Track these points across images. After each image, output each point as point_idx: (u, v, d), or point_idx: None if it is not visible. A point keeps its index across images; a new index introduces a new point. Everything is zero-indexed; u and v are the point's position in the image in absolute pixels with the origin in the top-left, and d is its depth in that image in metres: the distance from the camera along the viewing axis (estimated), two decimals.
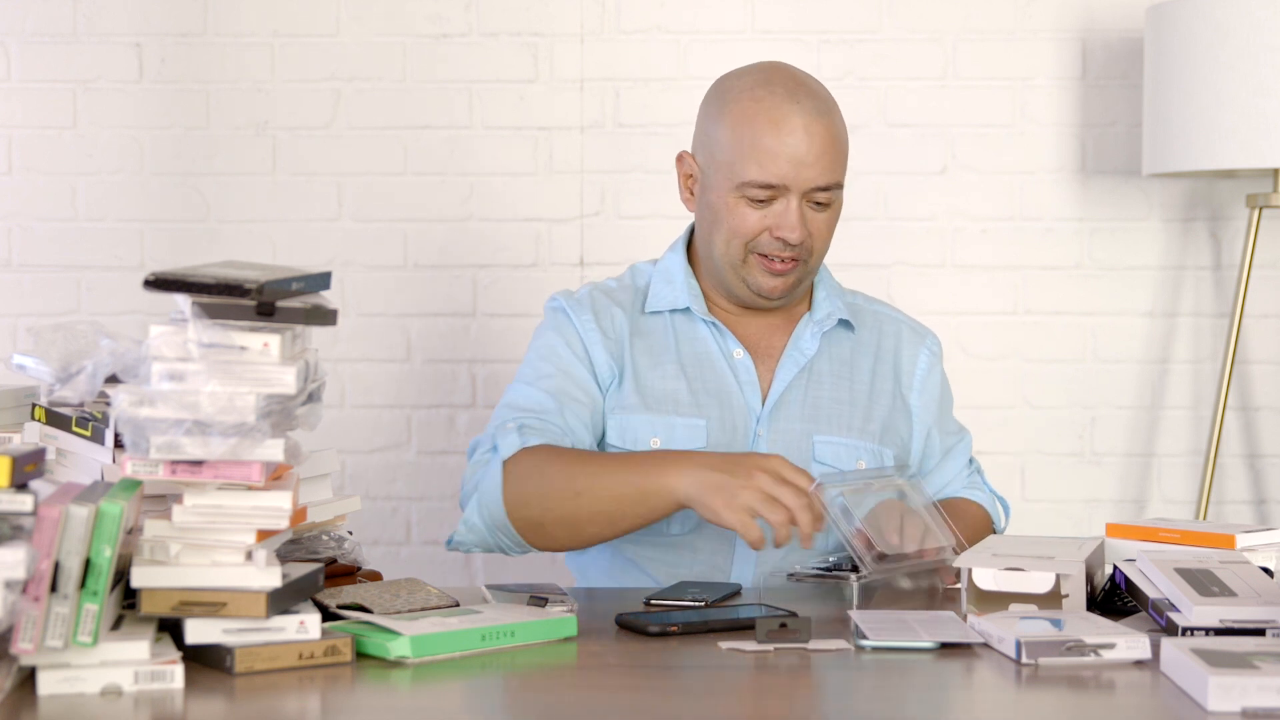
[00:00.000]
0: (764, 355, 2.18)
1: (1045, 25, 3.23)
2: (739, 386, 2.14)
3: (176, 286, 1.51)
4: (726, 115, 2.09)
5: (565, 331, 2.16)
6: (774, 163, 2.05)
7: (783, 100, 2.07)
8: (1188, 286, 3.26)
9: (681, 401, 2.12)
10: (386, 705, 1.49)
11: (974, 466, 2.27)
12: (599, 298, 2.20)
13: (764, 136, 2.06)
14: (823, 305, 2.19)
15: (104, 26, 3.22)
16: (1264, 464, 3.27)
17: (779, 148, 2.05)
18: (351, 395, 3.27)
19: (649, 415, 2.11)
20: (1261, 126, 2.82)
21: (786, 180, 2.06)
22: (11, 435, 1.81)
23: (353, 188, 3.25)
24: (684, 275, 2.19)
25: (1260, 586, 1.68)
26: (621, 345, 2.15)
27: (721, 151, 2.10)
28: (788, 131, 2.05)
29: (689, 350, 2.16)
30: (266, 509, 1.53)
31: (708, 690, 1.53)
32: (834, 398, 2.16)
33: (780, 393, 2.14)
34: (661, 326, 2.18)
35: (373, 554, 3.18)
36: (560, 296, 2.20)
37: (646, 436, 2.11)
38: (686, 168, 2.17)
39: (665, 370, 2.14)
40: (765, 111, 2.06)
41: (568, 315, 2.17)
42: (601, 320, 2.16)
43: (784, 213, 2.07)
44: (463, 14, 3.23)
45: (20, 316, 3.25)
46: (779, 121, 2.06)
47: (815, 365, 2.17)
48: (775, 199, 2.07)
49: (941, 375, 2.26)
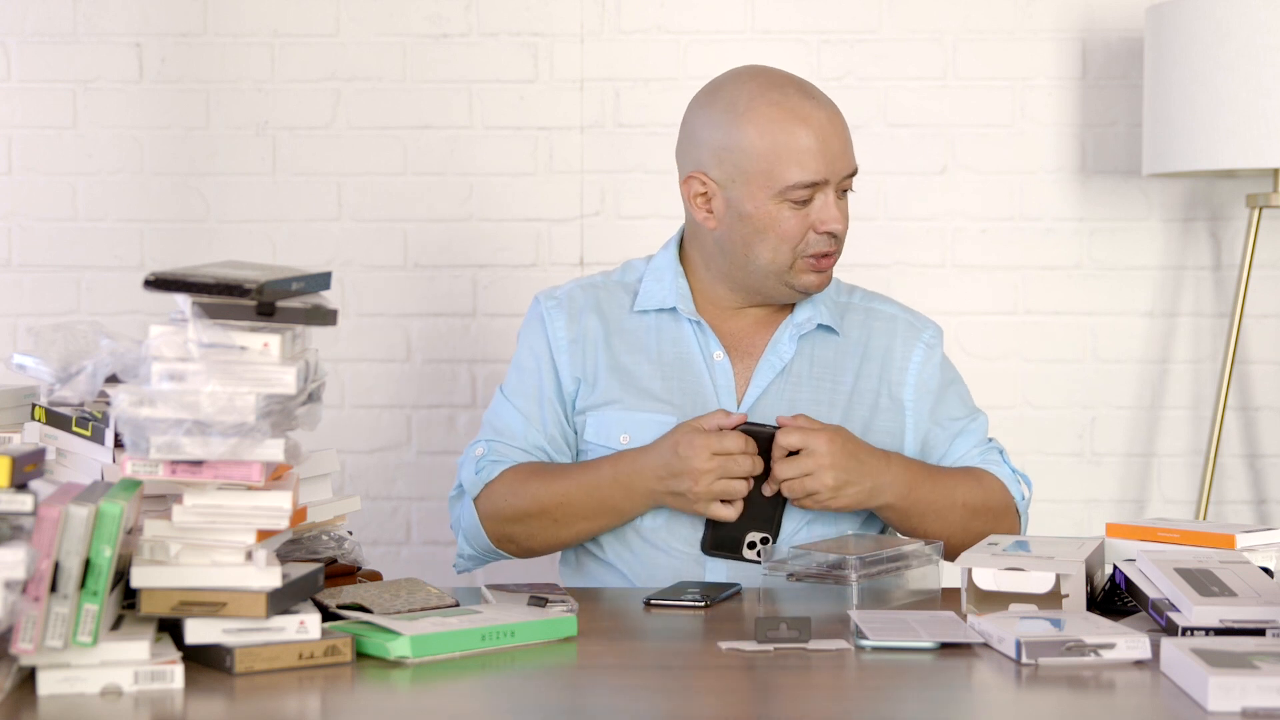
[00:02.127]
0: (744, 355, 2.19)
1: (1045, 25, 3.23)
2: (714, 388, 2.16)
3: (176, 286, 1.51)
4: (747, 124, 2.08)
5: (536, 341, 2.22)
6: (813, 160, 2.07)
7: (799, 99, 2.09)
8: (1188, 286, 3.26)
9: (654, 399, 2.15)
10: (386, 705, 1.49)
11: (991, 445, 2.23)
12: (578, 296, 2.23)
13: (798, 137, 2.07)
14: (803, 309, 2.19)
15: (104, 26, 3.22)
16: (1264, 464, 3.27)
17: (814, 145, 2.07)
18: (351, 395, 3.27)
19: (621, 413, 2.15)
20: (1261, 126, 2.82)
21: (827, 175, 2.08)
22: (11, 435, 1.81)
23: (353, 188, 3.25)
24: (673, 274, 2.20)
25: (1260, 586, 1.68)
26: (595, 347, 2.19)
27: (751, 161, 2.08)
28: (816, 126, 2.08)
29: (670, 350, 2.18)
30: (266, 509, 1.53)
31: (708, 690, 1.53)
32: (813, 399, 2.16)
33: (756, 396, 2.15)
34: (645, 325, 2.20)
35: (373, 554, 3.18)
36: (541, 297, 2.25)
37: (617, 433, 2.15)
38: (699, 188, 2.14)
39: (642, 369, 2.17)
40: (788, 112, 2.08)
41: (542, 322, 2.22)
42: (574, 325, 2.20)
43: (824, 206, 2.10)
44: (463, 14, 3.23)
45: (20, 316, 3.25)
46: (806, 119, 2.08)
47: (794, 368, 2.18)
48: (814, 196, 2.09)
49: (940, 364, 2.23)
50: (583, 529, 2.13)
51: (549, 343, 2.21)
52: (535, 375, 2.21)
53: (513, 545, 2.17)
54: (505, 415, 2.21)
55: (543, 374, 2.20)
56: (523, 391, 2.21)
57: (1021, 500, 2.19)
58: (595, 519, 2.11)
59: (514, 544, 2.17)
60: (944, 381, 2.23)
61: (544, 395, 2.20)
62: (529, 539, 2.15)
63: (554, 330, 2.21)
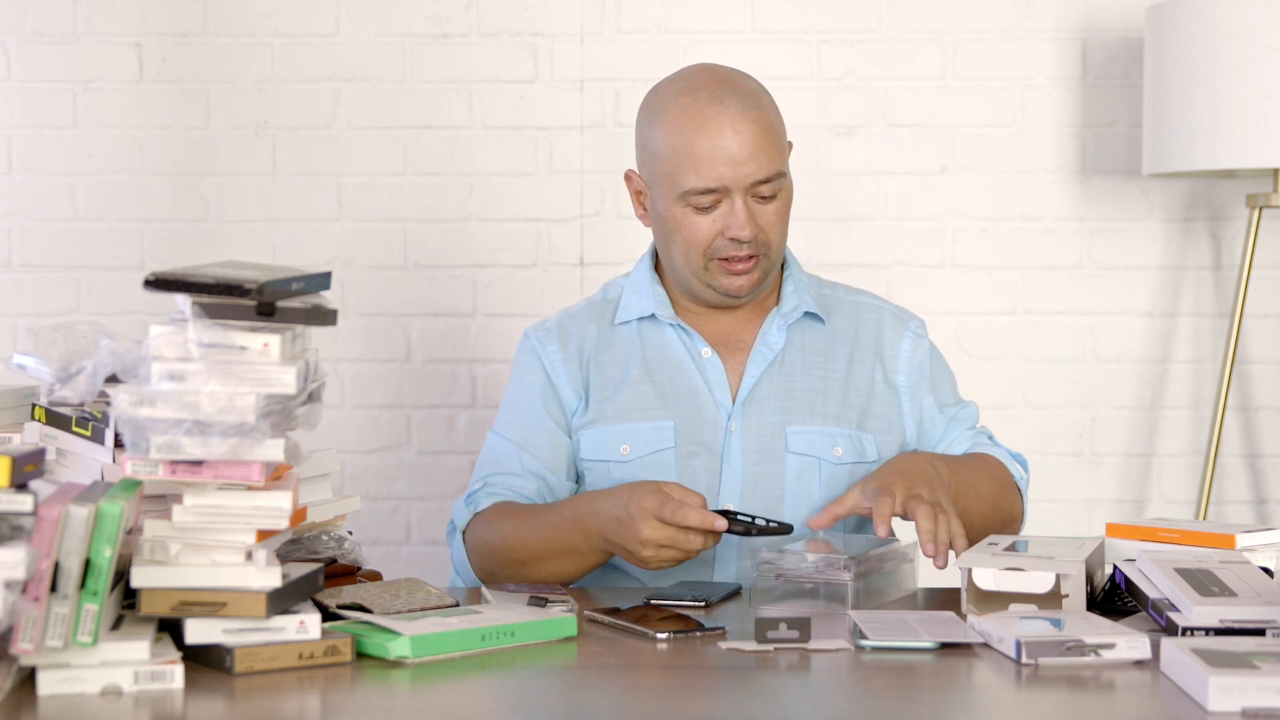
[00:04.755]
0: (734, 351, 2.19)
1: (1045, 25, 3.23)
2: (707, 386, 2.16)
3: (176, 286, 1.51)
4: (657, 127, 2.12)
5: (531, 372, 2.21)
6: (709, 167, 2.06)
7: (706, 104, 2.08)
8: (1188, 286, 3.26)
9: (648, 406, 2.15)
10: (386, 705, 1.49)
11: (981, 430, 2.25)
12: (566, 323, 2.24)
13: (695, 143, 2.07)
14: (790, 299, 2.21)
15: (104, 26, 3.22)
16: (1264, 464, 3.27)
17: (712, 151, 2.06)
18: (351, 395, 3.27)
19: (618, 425, 2.14)
20: (1261, 126, 2.82)
21: (725, 182, 2.07)
22: (11, 435, 1.80)
23: (353, 188, 3.25)
24: (649, 283, 2.22)
25: (1260, 586, 1.68)
26: (587, 365, 2.19)
27: (659, 164, 2.11)
28: (715, 134, 2.06)
29: (656, 355, 2.19)
30: (266, 509, 1.53)
31: (708, 690, 1.53)
32: (807, 387, 2.17)
33: (750, 387, 2.16)
34: (628, 336, 2.21)
35: (373, 554, 3.18)
36: (530, 332, 2.25)
37: (616, 446, 2.14)
38: (635, 185, 2.19)
39: (631, 378, 2.17)
40: (692, 118, 2.08)
41: (535, 354, 2.22)
42: (567, 346, 2.20)
43: (730, 213, 2.08)
44: (463, 14, 3.23)
45: (20, 316, 3.25)
46: (705, 125, 2.07)
47: (786, 357, 2.18)
48: (719, 202, 2.09)
49: (929, 352, 2.25)
50: (549, 570, 2.05)
51: (544, 368, 2.20)
52: (529, 404, 2.19)
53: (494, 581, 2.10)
54: (498, 450, 2.19)
55: (540, 401, 2.18)
56: (516, 423, 2.19)
57: (1020, 480, 2.21)
58: (556, 560, 2.04)
59: (495, 580, 2.10)
60: (934, 367, 2.25)
61: (540, 423, 2.17)
62: (506, 578, 2.08)
63: (548, 355, 2.21)
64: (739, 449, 2.13)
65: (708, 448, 2.13)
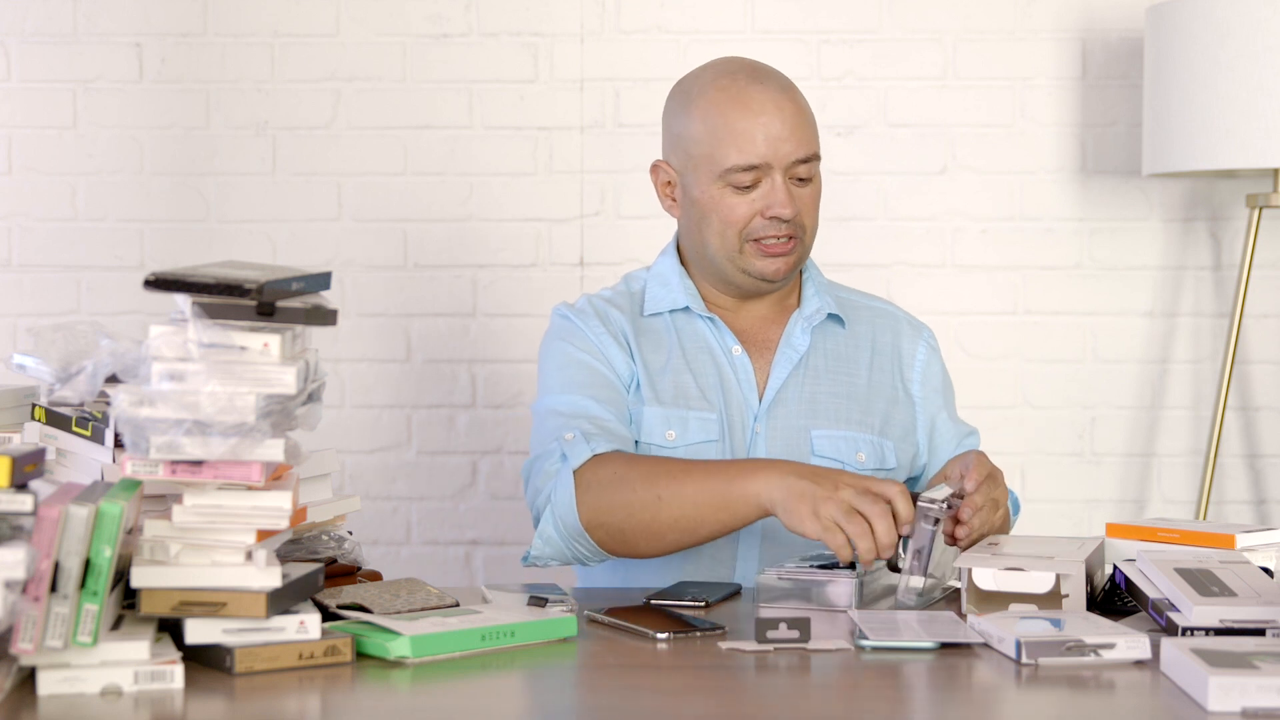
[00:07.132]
0: (760, 349, 2.19)
1: (1045, 25, 3.23)
2: (738, 383, 2.16)
3: (176, 286, 1.51)
4: (694, 110, 2.12)
5: (577, 339, 2.16)
6: (751, 143, 2.07)
7: (747, 83, 2.10)
8: (1188, 286, 3.26)
9: (691, 395, 2.14)
10: (386, 705, 1.49)
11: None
12: (599, 304, 2.21)
13: (737, 120, 2.08)
14: (811, 301, 2.21)
15: (104, 26, 3.22)
16: (1264, 464, 3.27)
17: (754, 128, 2.07)
18: (351, 395, 3.27)
19: (663, 409, 2.12)
20: (1261, 126, 2.82)
21: (767, 158, 2.08)
22: (11, 435, 1.80)
23: (353, 188, 3.25)
24: (678, 277, 2.21)
25: (1260, 586, 1.68)
26: (628, 346, 2.17)
27: (697, 146, 2.11)
28: (759, 110, 2.08)
29: (691, 347, 2.18)
30: (266, 509, 1.53)
31: (708, 690, 1.53)
32: (832, 392, 2.17)
33: (777, 390, 2.15)
34: (663, 326, 2.19)
35: (373, 554, 3.18)
36: (563, 307, 2.21)
37: (662, 430, 2.12)
38: (663, 176, 2.19)
39: (673, 366, 2.16)
40: (732, 97, 2.09)
41: (574, 323, 2.17)
42: (609, 325, 2.18)
43: (770, 191, 2.09)
44: (463, 14, 3.23)
45: (20, 316, 3.25)
46: (748, 102, 2.08)
47: (811, 361, 2.18)
48: (759, 181, 2.09)
49: (941, 366, 2.27)
50: (682, 515, 1.92)
51: (590, 338, 2.14)
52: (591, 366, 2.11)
53: (602, 532, 1.97)
54: (580, 403, 2.06)
55: (600, 363, 2.12)
56: (579, 380, 2.10)
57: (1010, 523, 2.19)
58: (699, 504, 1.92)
59: (604, 531, 1.97)
60: (945, 382, 2.28)
61: (607, 380, 2.11)
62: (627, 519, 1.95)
63: (591, 327, 2.16)
64: (764, 451, 2.12)
65: (735, 446, 2.13)
